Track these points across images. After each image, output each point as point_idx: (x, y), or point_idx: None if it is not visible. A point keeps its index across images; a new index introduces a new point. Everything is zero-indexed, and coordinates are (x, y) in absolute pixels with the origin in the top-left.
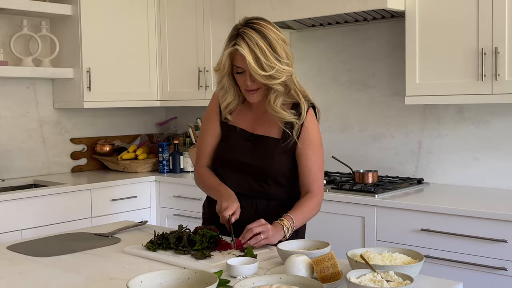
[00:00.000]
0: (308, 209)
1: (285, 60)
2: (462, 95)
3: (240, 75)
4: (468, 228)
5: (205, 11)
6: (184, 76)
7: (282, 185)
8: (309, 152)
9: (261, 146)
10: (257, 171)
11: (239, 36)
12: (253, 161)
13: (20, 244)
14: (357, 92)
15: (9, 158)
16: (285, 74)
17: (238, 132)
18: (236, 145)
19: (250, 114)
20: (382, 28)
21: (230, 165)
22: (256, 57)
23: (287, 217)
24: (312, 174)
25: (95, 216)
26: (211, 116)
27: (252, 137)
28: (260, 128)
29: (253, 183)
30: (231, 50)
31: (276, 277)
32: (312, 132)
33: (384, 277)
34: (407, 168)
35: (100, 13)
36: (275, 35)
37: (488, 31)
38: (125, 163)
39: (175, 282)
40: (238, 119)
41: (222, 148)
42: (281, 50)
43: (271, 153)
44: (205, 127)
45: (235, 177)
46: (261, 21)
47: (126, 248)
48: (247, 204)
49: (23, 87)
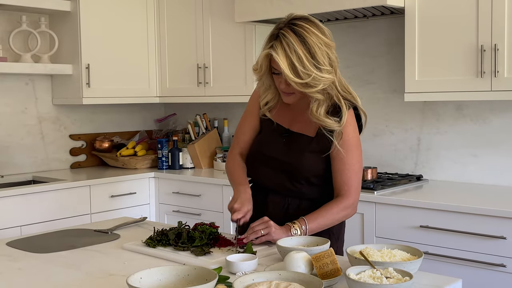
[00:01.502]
0: (330, 212)
1: (326, 67)
2: (461, 91)
3: (277, 75)
4: (467, 224)
5: (204, 7)
6: (183, 73)
7: (315, 185)
8: (341, 153)
9: (294, 143)
10: (289, 168)
11: (278, 38)
12: (285, 158)
13: (20, 240)
14: (356, 89)
15: (8, 155)
16: (323, 82)
17: (275, 127)
18: (270, 140)
19: (289, 111)
20: (381, 25)
21: (263, 160)
22: (292, 64)
23: (301, 220)
24: (344, 176)
25: (94, 213)
26: (252, 109)
27: (287, 133)
28: (296, 126)
29: (285, 181)
30: (267, 52)
31: (275, 273)
32: (347, 132)
33: (383, 273)
34: (406, 164)
35: (99, 10)
36: (317, 39)
37: (488, 28)
38: (124, 160)
39: (175, 279)
40: (276, 115)
41: (256, 142)
42: (322, 56)
43: (302, 151)
44: (244, 118)
45: (268, 172)
46: (304, 23)
47: (125, 245)
48: (279, 201)
49: (22, 83)
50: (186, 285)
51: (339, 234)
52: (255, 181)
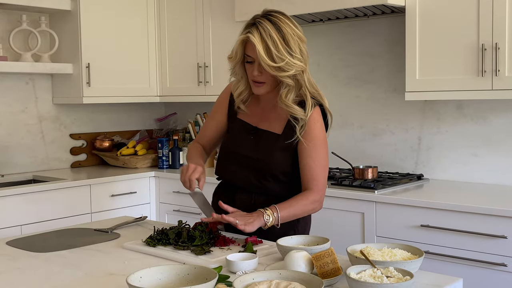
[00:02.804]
0: (299, 204)
1: (298, 55)
2: (462, 91)
3: (249, 64)
4: (468, 224)
5: (205, 7)
6: (183, 72)
7: (282, 182)
8: (310, 149)
9: (262, 140)
10: (257, 165)
11: (254, 25)
12: (253, 155)
13: (20, 240)
14: (356, 88)
15: (9, 154)
16: (295, 68)
17: (242, 125)
18: (238, 138)
19: (258, 108)
20: (382, 24)
21: (232, 157)
22: (267, 47)
23: (273, 207)
24: (312, 172)
25: (94, 212)
26: (220, 105)
27: (254, 130)
28: (264, 123)
29: (252, 178)
30: (243, 38)
31: (275, 272)
32: (314, 129)
33: (384, 272)
34: (406, 164)
35: (100, 9)
36: (291, 30)
37: (488, 27)
38: (125, 159)
39: (175, 278)
40: (245, 114)
41: (225, 140)
42: (294, 45)
43: (270, 148)
44: (211, 114)
45: (235, 170)
46: (279, 15)
47: (125, 244)
48: (246, 198)
49: (22, 83)
50: (186, 284)
51: (304, 232)
52: (223, 178)
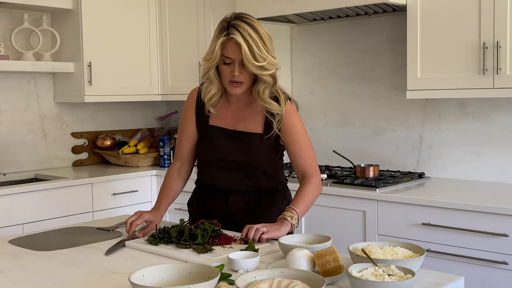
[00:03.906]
0: (307, 193)
1: (273, 53)
2: (463, 89)
3: (227, 66)
4: (469, 222)
5: (206, 5)
6: (185, 70)
7: (271, 175)
8: (296, 138)
9: (245, 142)
10: (246, 166)
11: (232, 27)
12: (240, 158)
13: (22, 238)
14: (358, 86)
15: (10, 153)
16: (275, 67)
17: (220, 131)
18: (220, 144)
19: (229, 112)
20: (383, 22)
21: (217, 164)
22: (250, 48)
23: (289, 208)
24: (305, 156)
25: (96, 210)
26: (187, 117)
27: (235, 134)
28: (241, 124)
29: (244, 178)
30: (224, 40)
31: (277, 271)
32: (293, 119)
33: (385, 271)
34: (408, 162)
35: (101, 7)
36: (263, 30)
37: (490, 25)
38: (126, 157)
39: (177, 276)
40: (217, 118)
41: (204, 149)
42: (270, 45)
43: (256, 148)
44: (181, 127)
45: (224, 175)
46: (250, 16)
47: (127, 242)
48: (240, 199)
49: (24, 81)
50: (188, 282)
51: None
52: (211, 185)
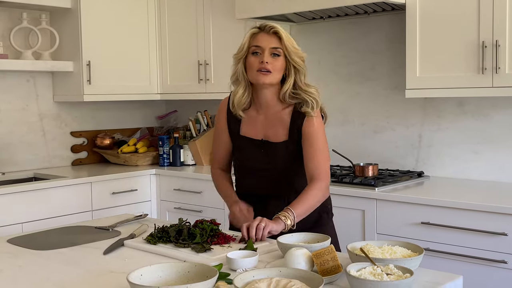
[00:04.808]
0: (310, 196)
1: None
2: (462, 88)
3: (255, 56)
4: (468, 221)
5: (205, 4)
6: (184, 69)
7: (302, 174)
8: (312, 141)
9: (272, 152)
10: (275, 172)
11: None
12: (271, 167)
13: (21, 237)
14: (357, 85)
15: (10, 152)
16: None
17: (249, 142)
18: (249, 154)
19: (257, 121)
20: (382, 21)
21: (251, 172)
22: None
23: (286, 209)
24: (317, 161)
25: (95, 209)
26: (220, 126)
27: (262, 143)
28: (269, 131)
29: (282, 183)
30: (254, 31)
31: (276, 270)
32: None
33: (384, 270)
34: (407, 161)
35: (100, 6)
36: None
37: (489, 24)
38: (126, 156)
39: (175, 275)
40: (247, 127)
41: (237, 158)
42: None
43: (284, 157)
44: (216, 137)
45: (258, 181)
46: None
47: (126, 242)
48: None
49: (23, 81)
50: (187, 282)
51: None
52: (251, 192)
